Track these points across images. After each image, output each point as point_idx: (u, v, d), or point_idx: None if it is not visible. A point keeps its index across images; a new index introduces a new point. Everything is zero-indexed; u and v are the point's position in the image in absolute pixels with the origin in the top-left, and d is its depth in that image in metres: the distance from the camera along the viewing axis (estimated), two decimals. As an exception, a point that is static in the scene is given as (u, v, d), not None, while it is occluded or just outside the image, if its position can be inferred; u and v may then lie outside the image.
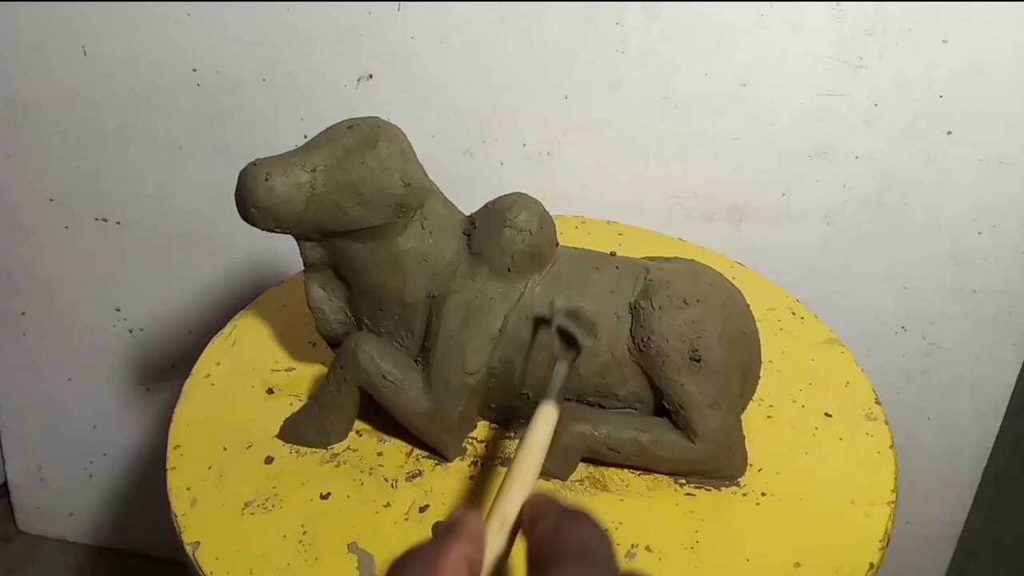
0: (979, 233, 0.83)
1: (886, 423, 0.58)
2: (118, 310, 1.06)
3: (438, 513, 0.51)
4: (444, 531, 0.28)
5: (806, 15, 0.77)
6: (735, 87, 0.80)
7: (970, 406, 0.92)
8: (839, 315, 0.86)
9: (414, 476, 0.54)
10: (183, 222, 0.98)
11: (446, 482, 0.53)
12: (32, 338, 1.10)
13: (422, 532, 0.50)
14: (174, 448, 0.55)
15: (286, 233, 0.52)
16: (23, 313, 1.08)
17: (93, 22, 0.87)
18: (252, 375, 0.62)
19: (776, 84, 0.80)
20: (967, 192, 0.82)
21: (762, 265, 0.77)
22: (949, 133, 0.79)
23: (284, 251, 0.91)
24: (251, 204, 0.50)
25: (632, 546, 0.49)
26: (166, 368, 1.10)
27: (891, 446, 0.56)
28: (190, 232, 0.98)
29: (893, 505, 0.52)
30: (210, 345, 0.65)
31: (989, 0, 0.73)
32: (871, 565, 0.48)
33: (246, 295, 0.97)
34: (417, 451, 0.55)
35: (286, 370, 0.63)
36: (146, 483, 1.17)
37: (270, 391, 0.60)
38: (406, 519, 0.51)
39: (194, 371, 0.62)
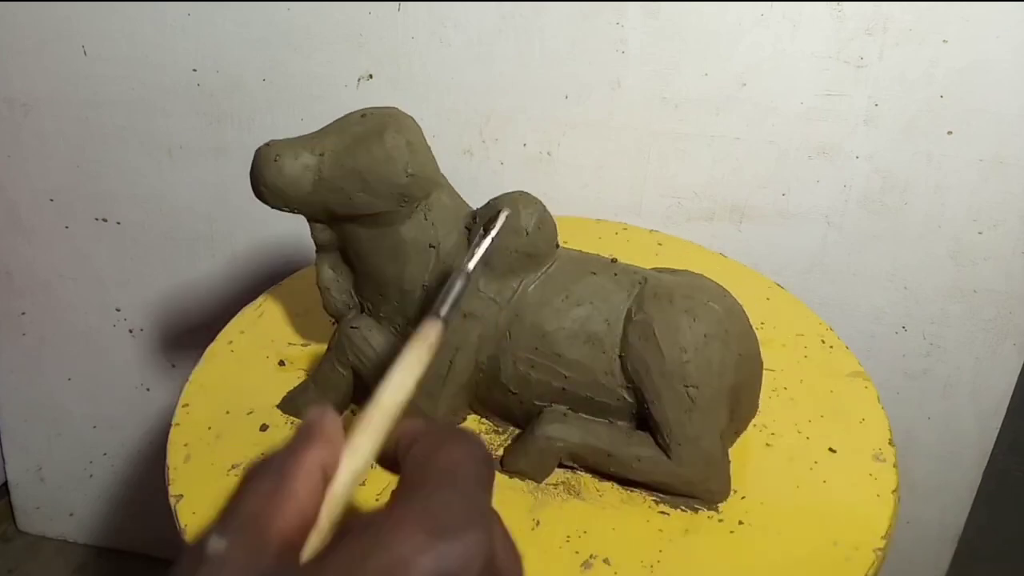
0: (979, 233, 0.83)
1: (895, 466, 0.54)
2: (118, 310, 1.06)
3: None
4: (299, 435, 0.26)
5: (806, 15, 0.76)
6: (735, 87, 0.80)
7: (970, 406, 0.92)
8: (839, 315, 0.86)
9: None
10: (183, 222, 0.98)
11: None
12: (32, 338, 1.10)
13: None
14: (183, 406, 0.57)
15: (295, 213, 0.53)
16: (23, 313, 1.08)
17: (93, 22, 0.87)
18: (270, 347, 0.64)
19: (776, 84, 0.80)
20: (967, 192, 0.81)
21: (762, 265, 0.77)
22: (949, 133, 0.79)
23: (284, 251, 0.90)
24: (261, 183, 0.52)
25: (591, 556, 0.48)
26: (166, 368, 1.10)
27: (894, 490, 0.52)
28: (190, 232, 0.98)
29: (880, 553, 0.48)
30: (239, 315, 0.67)
31: (989, 0, 0.73)
32: None
33: (246, 295, 0.97)
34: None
35: (302, 345, 0.64)
36: (146, 483, 1.17)
37: (281, 363, 0.62)
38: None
39: (218, 337, 0.65)
